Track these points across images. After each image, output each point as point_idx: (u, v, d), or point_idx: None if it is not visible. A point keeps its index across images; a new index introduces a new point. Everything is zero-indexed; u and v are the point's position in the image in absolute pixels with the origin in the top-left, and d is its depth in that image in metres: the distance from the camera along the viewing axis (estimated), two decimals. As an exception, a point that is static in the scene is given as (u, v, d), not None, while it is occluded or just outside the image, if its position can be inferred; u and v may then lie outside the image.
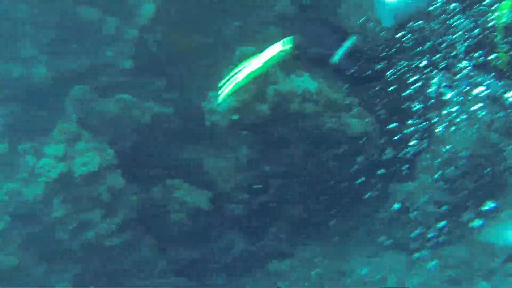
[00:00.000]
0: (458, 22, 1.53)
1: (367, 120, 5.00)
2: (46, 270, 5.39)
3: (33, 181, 5.08)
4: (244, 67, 1.94)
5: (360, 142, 4.93)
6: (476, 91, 1.71)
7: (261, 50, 1.90)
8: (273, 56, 1.89)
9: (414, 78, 1.78)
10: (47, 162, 4.94)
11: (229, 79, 1.95)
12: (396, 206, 4.87)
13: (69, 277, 5.40)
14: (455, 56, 1.59)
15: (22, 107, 5.55)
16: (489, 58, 1.49)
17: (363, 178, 4.86)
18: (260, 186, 5.20)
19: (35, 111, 5.62)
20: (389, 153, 4.82)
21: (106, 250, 5.29)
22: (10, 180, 5.23)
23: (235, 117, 4.47)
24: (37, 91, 5.52)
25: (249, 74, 1.95)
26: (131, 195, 5.31)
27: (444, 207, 4.65)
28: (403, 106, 4.32)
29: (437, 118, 3.13)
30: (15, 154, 5.29)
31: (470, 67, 1.60)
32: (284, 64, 4.03)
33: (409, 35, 1.62)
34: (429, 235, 4.45)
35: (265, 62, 1.90)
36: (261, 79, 4.45)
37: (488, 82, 1.66)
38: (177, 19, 5.25)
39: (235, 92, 2.08)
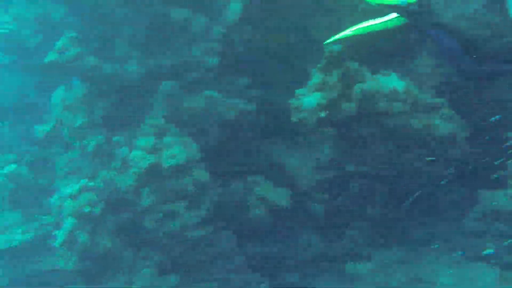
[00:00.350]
0: None
1: (455, 121, 5.27)
2: (133, 256, 6.16)
3: (125, 171, 5.85)
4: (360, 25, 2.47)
5: (448, 143, 5.23)
6: None
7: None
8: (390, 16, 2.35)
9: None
10: (138, 154, 5.65)
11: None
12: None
13: (154, 263, 6.09)
14: None
15: (116, 102, 6.38)
16: None
17: (448, 182, 4.95)
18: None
19: (127, 105, 6.43)
20: (478, 157, 5.09)
21: (188, 241, 5.92)
22: (106, 168, 6.12)
23: (322, 114, 4.62)
24: (129, 87, 6.31)
25: (364, 28, 2.46)
26: (214, 189, 5.94)
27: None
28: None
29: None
30: (110, 145, 6.13)
31: None
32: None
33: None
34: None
35: (380, 24, 2.39)
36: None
37: None
38: (264, 17, 5.68)
39: (344, 39, 2.51)
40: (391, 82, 4.95)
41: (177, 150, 5.74)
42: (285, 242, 6.35)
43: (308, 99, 4.62)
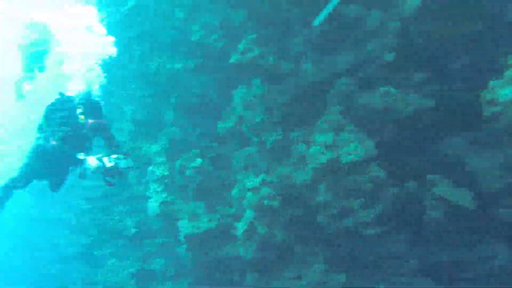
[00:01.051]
0: None
1: None
2: (304, 250, 7.30)
3: (302, 167, 6.88)
4: None
5: None
6: None
7: None
8: None
9: None
10: (316, 149, 6.53)
11: None
12: None
13: (323, 259, 7.13)
14: None
15: (293, 99, 7.46)
16: None
17: None
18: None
19: (303, 102, 7.47)
20: None
21: (361, 239, 6.73)
22: (283, 164, 7.23)
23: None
24: (305, 85, 7.38)
25: None
26: (390, 187, 6.53)
27: None
28: None
29: None
30: (287, 141, 7.22)
31: None
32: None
33: None
34: None
35: None
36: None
37: None
38: (447, 5, 6.08)
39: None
40: None
41: (354, 147, 6.51)
42: (465, 249, 6.62)
43: (505, 91, 4.91)
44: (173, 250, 10.03)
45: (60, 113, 5.88)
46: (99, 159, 5.40)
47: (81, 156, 5.44)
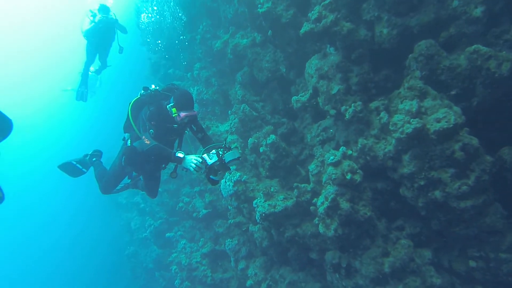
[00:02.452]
0: None
1: None
2: (387, 226, 6.97)
3: (384, 137, 6.54)
4: None
5: None
6: None
7: None
8: None
9: None
10: (401, 118, 6.11)
11: None
12: None
13: (408, 235, 6.83)
14: None
15: (371, 66, 7.06)
16: None
17: None
18: None
19: (382, 69, 7.07)
20: None
21: (451, 213, 6.27)
22: (363, 136, 6.84)
23: None
24: (382, 50, 6.96)
25: None
26: (484, 155, 5.99)
27: None
28: None
29: None
30: (367, 111, 6.81)
31: None
32: None
33: None
34: None
35: None
36: None
37: None
38: None
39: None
40: None
41: (441, 113, 6.05)
42: None
43: None
44: (246, 230, 9.89)
45: (150, 109, 5.44)
46: (200, 157, 4.95)
47: (180, 154, 4.99)
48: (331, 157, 6.66)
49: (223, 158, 4.89)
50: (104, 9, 11.27)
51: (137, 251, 17.56)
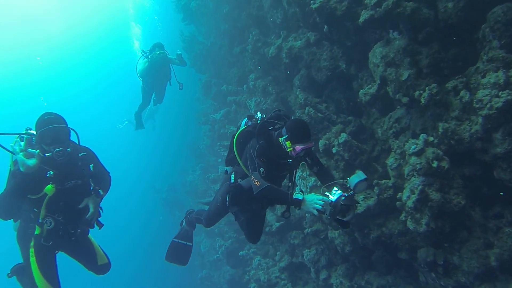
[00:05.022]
0: None
1: None
2: (482, 215, 6.46)
3: (468, 117, 6.11)
4: None
5: None
6: None
7: None
8: None
9: None
10: (487, 93, 5.69)
11: None
12: None
13: (509, 222, 6.18)
14: None
15: (441, 45, 6.66)
16: None
17: None
18: None
19: (454, 46, 6.69)
20: None
21: None
22: (443, 119, 6.43)
23: None
24: (447, 28, 6.59)
25: None
26: None
27: None
28: None
29: None
30: (445, 93, 6.41)
31: None
32: None
33: None
34: None
35: None
36: None
37: None
38: None
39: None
40: None
41: None
42: None
43: None
44: (324, 237, 9.51)
45: (260, 142, 4.73)
46: (322, 199, 4.10)
47: (298, 196, 4.23)
48: (413, 146, 6.24)
49: (347, 185, 4.16)
50: (159, 46, 11.30)
51: (210, 274, 17.47)
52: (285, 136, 4.50)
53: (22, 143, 4.33)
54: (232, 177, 5.21)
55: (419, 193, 6.15)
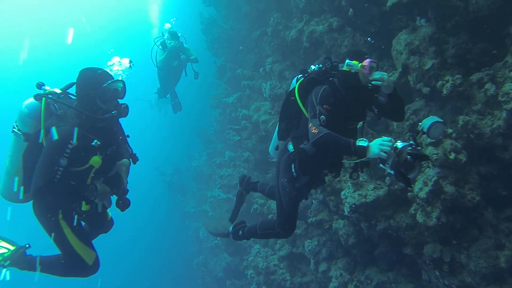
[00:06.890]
0: None
1: None
2: (495, 216, 6.27)
3: (490, 112, 6.01)
4: None
5: None
6: None
7: None
8: None
9: None
10: None
11: None
12: None
13: None
14: None
15: (468, 35, 6.56)
16: None
17: None
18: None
19: (479, 37, 6.55)
20: None
21: None
22: (465, 112, 6.31)
23: None
24: (476, 21, 6.49)
25: None
26: None
27: None
28: None
29: None
30: (468, 85, 6.29)
31: None
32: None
33: None
34: None
35: None
36: None
37: None
38: None
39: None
40: None
41: None
42: None
43: None
44: (328, 228, 9.35)
45: (324, 87, 4.20)
46: (391, 140, 3.60)
47: (363, 140, 3.62)
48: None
49: (420, 128, 3.74)
50: (173, 35, 11.13)
51: (206, 260, 17.39)
52: (348, 61, 3.90)
53: None
54: (290, 146, 4.50)
55: (433, 184, 5.97)
